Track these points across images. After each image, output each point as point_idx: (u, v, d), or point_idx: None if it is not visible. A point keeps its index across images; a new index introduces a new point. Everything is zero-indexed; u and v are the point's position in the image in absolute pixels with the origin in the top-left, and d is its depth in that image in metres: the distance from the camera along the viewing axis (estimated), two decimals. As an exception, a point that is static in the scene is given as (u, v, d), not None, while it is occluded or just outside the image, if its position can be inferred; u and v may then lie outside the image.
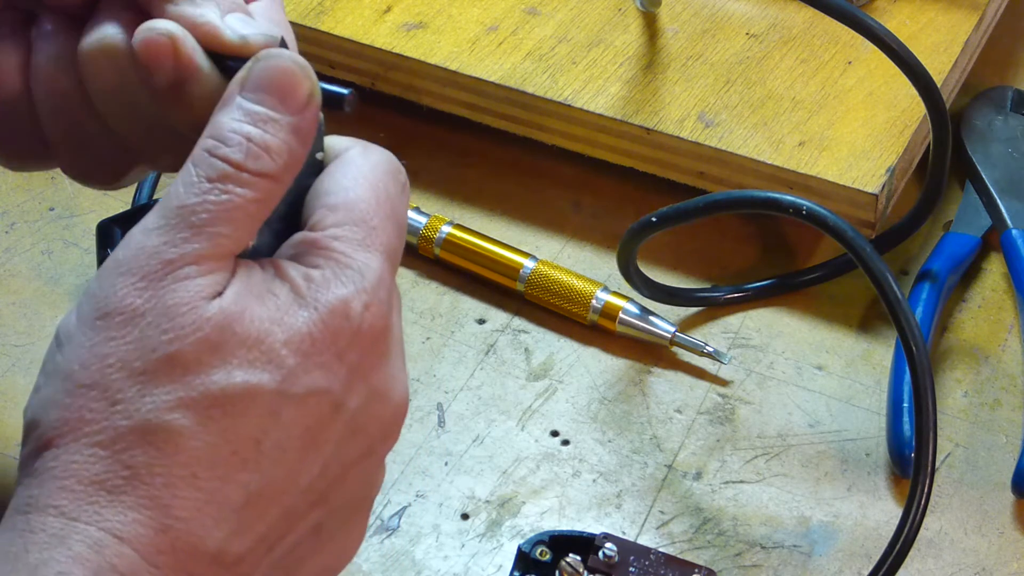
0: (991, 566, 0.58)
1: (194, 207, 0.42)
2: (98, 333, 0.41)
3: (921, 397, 0.56)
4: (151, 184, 0.71)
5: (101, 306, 0.41)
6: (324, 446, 0.43)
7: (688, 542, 0.59)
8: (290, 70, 0.43)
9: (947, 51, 0.73)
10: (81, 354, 0.41)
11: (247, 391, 0.41)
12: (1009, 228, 0.70)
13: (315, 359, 0.42)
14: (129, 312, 0.41)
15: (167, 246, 0.41)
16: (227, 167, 0.42)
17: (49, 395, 0.41)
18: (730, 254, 0.72)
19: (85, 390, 0.41)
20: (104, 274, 0.42)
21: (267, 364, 0.41)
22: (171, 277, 0.41)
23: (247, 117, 0.43)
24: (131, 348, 0.41)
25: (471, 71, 0.73)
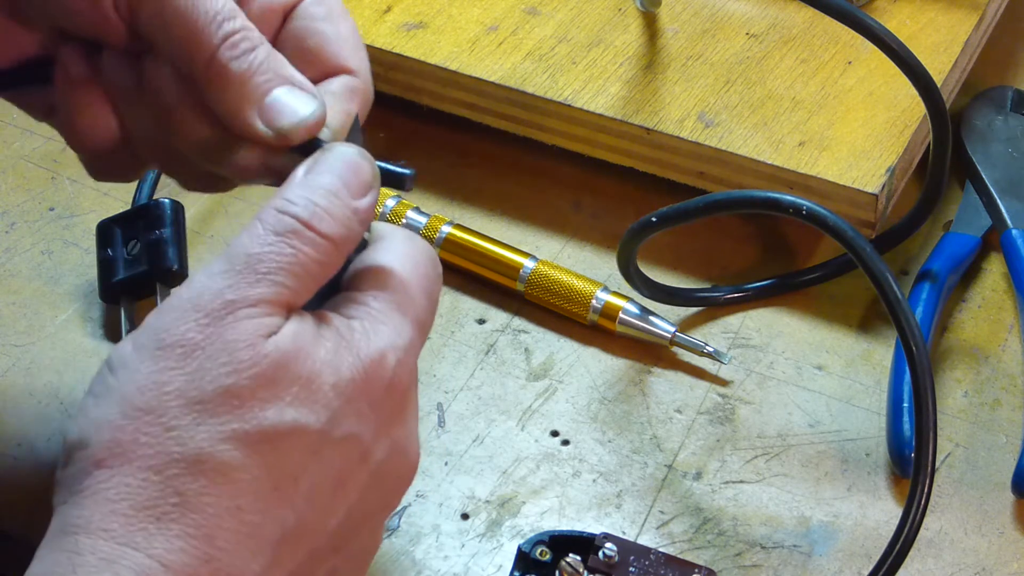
0: (991, 566, 0.58)
1: (260, 256, 0.44)
2: (157, 362, 0.42)
3: (921, 397, 0.56)
4: (151, 184, 0.71)
5: (162, 337, 0.43)
6: (351, 492, 0.45)
7: (688, 542, 0.59)
8: (355, 160, 0.47)
9: (947, 51, 0.73)
10: (138, 379, 0.42)
11: (295, 429, 0.43)
12: (1009, 228, 0.70)
13: (354, 405, 0.44)
14: (189, 345, 0.42)
15: (231, 289, 0.43)
16: (295, 223, 0.44)
17: (102, 416, 0.42)
18: (730, 254, 0.72)
19: (141, 414, 0.42)
20: (166, 309, 0.43)
21: (315, 404, 0.43)
22: (232, 316, 0.43)
23: (315, 190, 0.45)
24: (189, 378, 0.42)
25: (471, 71, 0.73)
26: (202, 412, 0.42)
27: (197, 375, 0.42)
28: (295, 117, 0.48)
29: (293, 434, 0.43)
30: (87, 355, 0.66)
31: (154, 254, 0.66)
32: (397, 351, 0.45)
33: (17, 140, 0.77)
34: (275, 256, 0.44)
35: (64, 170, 0.75)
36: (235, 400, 0.42)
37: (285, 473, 0.43)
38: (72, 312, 0.68)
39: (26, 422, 0.63)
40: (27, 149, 0.77)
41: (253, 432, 0.42)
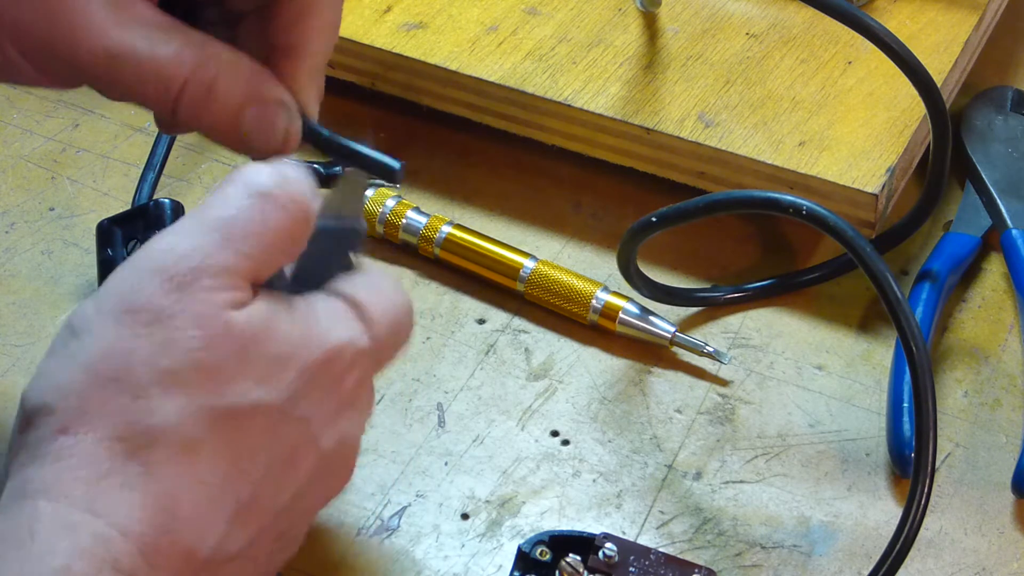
0: (991, 566, 0.58)
1: (230, 219, 0.44)
2: (122, 327, 0.42)
3: (921, 397, 0.56)
4: (151, 184, 0.71)
5: (128, 300, 0.42)
6: (300, 473, 0.45)
7: (688, 542, 0.59)
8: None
9: (947, 51, 0.73)
10: (103, 345, 0.42)
11: (258, 406, 0.43)
12: (1009, 228, 0.70)
13: (312, 389, 0.45)
14: (156, 311, 0.42)
15: (197, 252, 0.43)
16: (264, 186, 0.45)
17: (66, 381, 0.42)
18: (730, 254, 0.72)
19: (108, 382, 0.42)
20: (129, 270, 0.43)
21: (279, 384, 0.43)
22: (198, 284, 0.42)
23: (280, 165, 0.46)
24: (158, 347, 0.42)
25: (471, 71, 0.73)
26: (171, 384, 0.42)
27: (166, 345, 0.42)
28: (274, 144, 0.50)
29: (256, 411, 0.43)
30: (87, 355, 0.66)
31: (154, 254, 0.66)
32: (355, 346, 0.46)
33: (17, 140, 0.77)
34: (245, 220, 0.44)
35: (64, 170, 0.75)
36: (203, 374, 0.42)
37: (246, 448, 0.43)
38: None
39: (26, 422, 0.63)
40: (27, 149, 0.77)
41: (220, 408, 0.42)
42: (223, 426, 0.42)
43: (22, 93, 0.80)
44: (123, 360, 0.42)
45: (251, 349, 0.43)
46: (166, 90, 0.48)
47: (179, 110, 0.48)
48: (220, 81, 0.48)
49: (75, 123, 0.78)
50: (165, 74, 0.47)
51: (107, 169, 0.75)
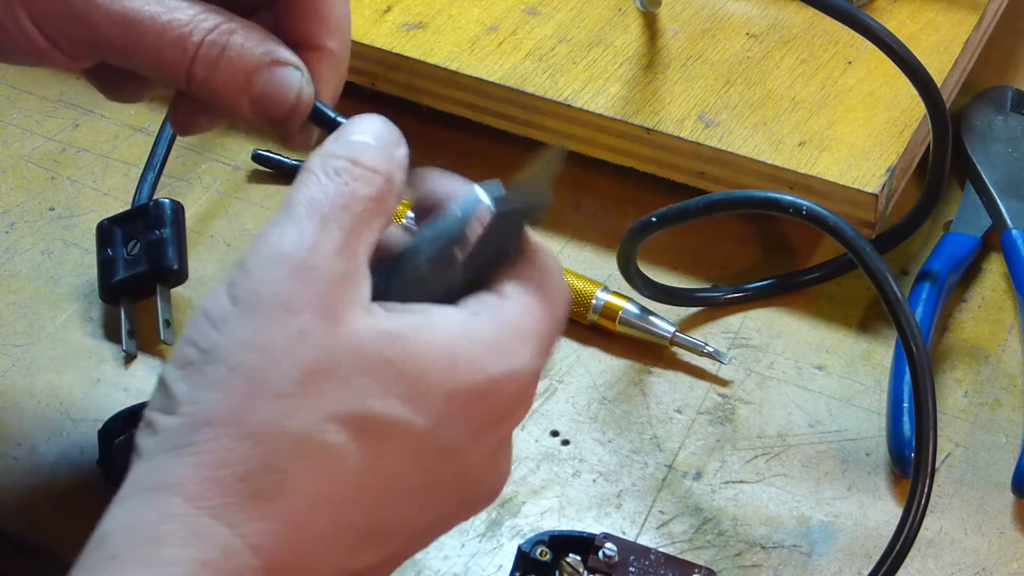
0: (991, 566, 0.58)
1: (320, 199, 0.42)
2: (258, 319, 0.40)
3: (921, 397, 0.56)
4: (151, 184, 0.72)
5: (259, 291, 0.41)
6: (441, 505, 0.43)
7: (688, 542, 0.59)
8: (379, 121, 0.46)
9: (947, 51, 0.73)
10: (243, 336, 0.40)
11: (401, 425, 0.41)
12: (1009, 228, 0.70)
13: (468, 419, 0.42)
14: (287, 301, 0.40)
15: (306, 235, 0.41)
16: (342, 162, 0.43)
17: (212, 374, 0.40)
18: (730, 254, 0.72)
19: (249, 379, 0.40)
20: (253, 259, 0.41)
21: (424, 406, 0.41)
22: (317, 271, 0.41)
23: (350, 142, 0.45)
24: (294, 342, 0.40)
25: (471, 71, 0.73)
26: (309, 383, 0.40)
27: (300, 340, 0.40)
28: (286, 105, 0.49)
29: (399, 430, 0.40)
30: (87, 355, 0.66)
31: (154, 254, 0.66)
32: (526, 377, 0.43)
33: (17, 140, 0.77)
34: (332, 196, 0.42)
35: (64, 170, 0.75)
36: (339, 378, 0.40)
37: (387, 470, 0.41)
38: (72, 312, 0.68)
39: (26, 422, 0.63)
40: (27, 149, 0.77)
41: (360, 416, 0.40)
42: (364, 439, 0.40)
43: (22, 93, 0.80)
44: (263, 355, 0.40)
45: (396, 363, 0.41)
46: (183, 52, 0.47)
47: (193, 72, 0.48)
48: (234, 41, 0.48)
49: (75, 123, 0.78)
50: (182, 35, 0.47)
51: (107, 169, 0.75)
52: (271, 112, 0.49)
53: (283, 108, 0.49)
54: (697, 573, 0.56)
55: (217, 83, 0.49)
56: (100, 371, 0.65)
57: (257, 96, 0.49)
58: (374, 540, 0.41)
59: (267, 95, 0.49)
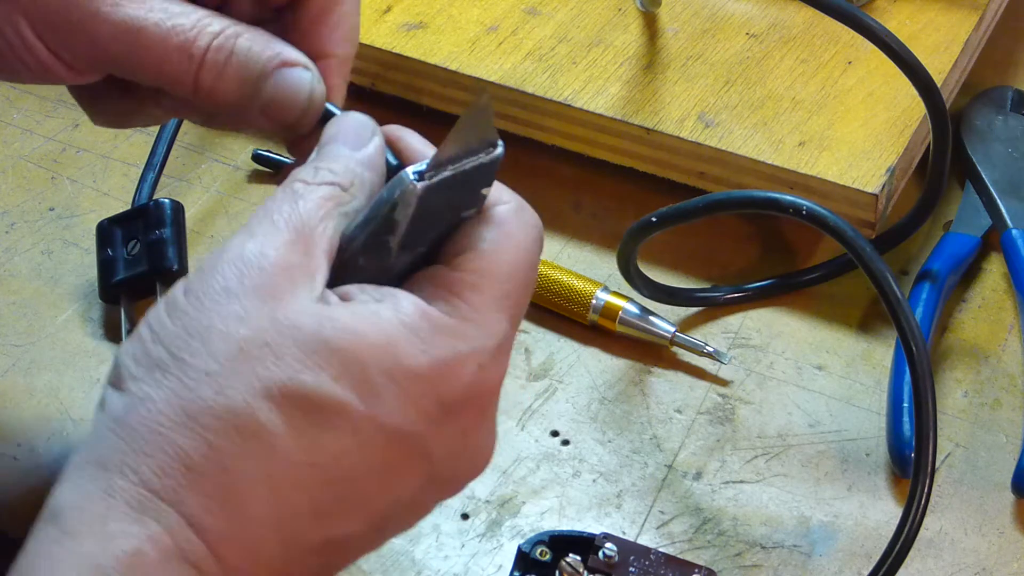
0: (991, 566, 0.58)
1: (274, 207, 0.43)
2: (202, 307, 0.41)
3: (921, 397, 0.56)
4: (151, 184, 0.71)
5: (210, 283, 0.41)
6: (401, 488, 0.43)
7: (688, 542, 0.59)
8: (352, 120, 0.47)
9: (947, 51, 0.73)
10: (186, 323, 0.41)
11: (336, 404, 0.41)
12: (1009, 228, 0.70)
13: (415, 401, 0.42)
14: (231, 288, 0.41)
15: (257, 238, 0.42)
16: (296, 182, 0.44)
17: (152, 353, 0.41)
18: (730, 254, 0.72)
19: (189, 356, 0.40)
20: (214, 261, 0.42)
21: (362, 388, 0.41)
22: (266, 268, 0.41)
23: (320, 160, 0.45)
24: (233, 323, 0.40)
25: (471, 71, 0.73)
26: (241, 359, 0.40)
27: (236, 320, 0.40)
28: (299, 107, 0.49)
29: (333, 409, 0.40)
30: (87, 355, 0.66)
31: (154, 254, 0.66)
32: (483, 355, 0.43)
33: (17, 140, 0.77)
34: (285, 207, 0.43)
35: (64, 170, 0.75)
36: (274, 356, 0.40)
37: (325, 450, 0.41)
38: (72, 312, 0.68)
39: (26, 422, 0.63)
40: (27, 149, 0.77)
41: (293, 393, 0.40)
42: (297, 417, 0.40)
43: (22, 93, 0.80)
44: (200, 338, 0.40)
45: (332, 344, 0.41)
46: (189, 58, 0.47)
47: (201, 79, 0.48)
48: (241, 45, 0.48)
49: (75, 123, 0.78)
50: (187, 41, 0.47)
51: (107, 169, 0.75)
52: (283, 115, 0.49)
53: (295, 111, 0.49)
54: (697, 573, 0.56)
55: (226, 90, 0.48)
56: (100, 371, 0.65)
57: (268, 100, 0.49)
58: (325, 520, 0.41)
59: (278, 98, 0.49)
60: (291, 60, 0.49)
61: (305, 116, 0.49)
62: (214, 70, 0.48)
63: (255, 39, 0.48)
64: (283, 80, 0.49)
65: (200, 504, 0.39)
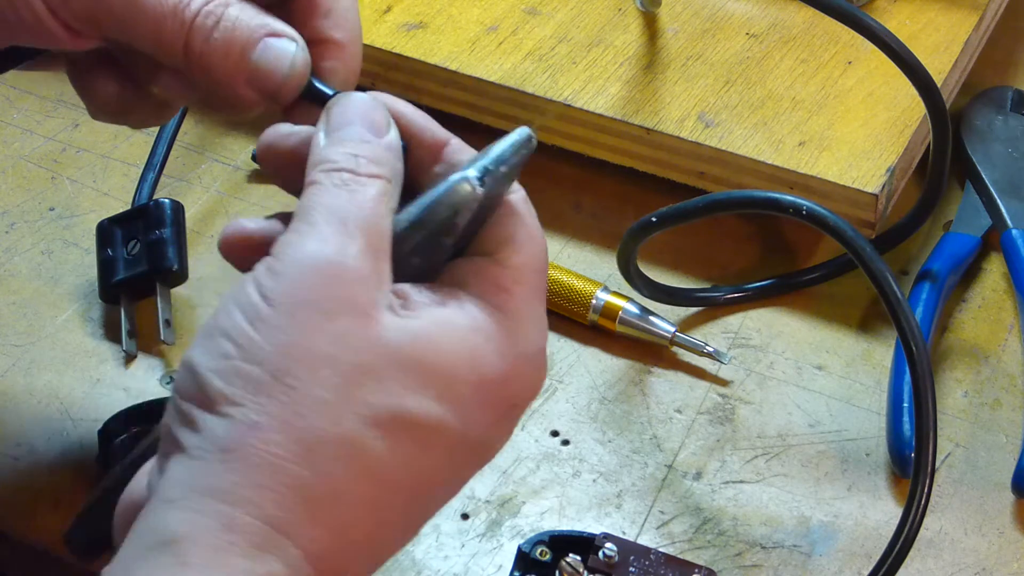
0: (991, 566, 0.58)
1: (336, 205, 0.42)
2: (295, 319, 0.40)
3: (921, 397, 0.56)
4: (151, 184, 0.71)
5: (293, 292, 0.40)
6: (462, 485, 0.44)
7: (688, 542, 0.59)
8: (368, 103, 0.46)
9: (947, 51, 0.73)
10: (281, 338, 0.40)
11: (436, 424, 0.41)
12: (1009, 228, 0.70)
13: (494, 408, 0.43)
14: (321, 304, 0.40)
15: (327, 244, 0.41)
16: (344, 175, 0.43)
17: (251, 374, 0.40)
18: (730, 254, 0.72)
19: (297, 383, 0.39)
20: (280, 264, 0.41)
21: (456, 404, 0.41)
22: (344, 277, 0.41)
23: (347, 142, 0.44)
24: (334, 344, 0.40)
25: (471, 71, 0.73)
26: (350, 387, 0.40)
27: (339, 344, 0.40)
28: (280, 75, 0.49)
29: (433, 429, 0.41)
30: (87, 355, 0.66)
31: (154, 254, 0.66)
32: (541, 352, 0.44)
33: (17, 140, 0.77)
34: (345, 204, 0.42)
35: (64, 170, 0.75)
36: (377, 380, 0.40)
37: (423, 470, 0.41)
38: (72, 312, 0.68)
39: (26, 422, 0.63)
40: (27, 149, 0.77)
41: (397, 417, 0.40)
42: (400, 441, 0.40)
43: (22, 93, 0.80)
44: (306, 362, 0.40)
45: (425, 362, 0.41)
46: (180, 23, 0.48)
47: (191, 43, 0.48)
48: (230, 13, 0.48)
49: (75, 123, 0.78)
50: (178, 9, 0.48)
51: (107, 169, 0.75)
52: (266, 84, 0.49)
53: (277, 79, 0.49)
54: (697, 573, 0.56)
55: (213, 57, 0.49)
56: (100, 371, 0.65)
57: (252, 69, 0.49)
58: (406, 533, 0.42)
59: (262, 67, 0.49)
60: (277, 31, 0.49)
61: (286, 84, 0.49)
62: (202, 33, 0.48)
63: (244, 9, 0.49)
64: (268, 48, 0.49)
65: (316, 537, 0.39)
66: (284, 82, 0.49)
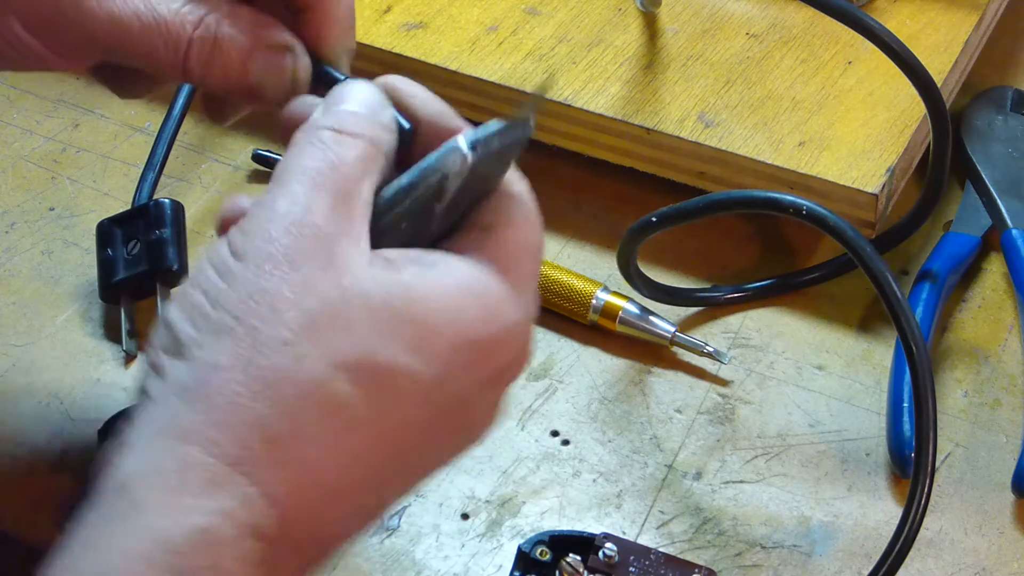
0: (991, 566, 0.58)
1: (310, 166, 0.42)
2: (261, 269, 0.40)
3: (921, 397, 0.56)
4: (151, 184, 0.71)
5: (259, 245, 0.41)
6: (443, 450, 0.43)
7: (688, 542, 0.59)
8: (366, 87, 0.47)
9: (947, 51, 0.73)
10: (248, 287, 0.40)
11: (407, 375, 0.40)
12: (1009, 228, 0.70)
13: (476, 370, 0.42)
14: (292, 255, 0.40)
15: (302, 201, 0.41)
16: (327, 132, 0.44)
17: (217, 319, 0.40)
18: (730, 254, 0.72)
19: (260, 324, 0.39)
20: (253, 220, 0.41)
21: (431, 357, 0.41)
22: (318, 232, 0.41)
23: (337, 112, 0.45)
24: (299, 291, 0.40)
25: (471, 71, 0.73)
26: (315, 330, 0.39)
27: (305, 289, 0.40)
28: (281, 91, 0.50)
29: (406, 380, 0.40)
30: (87, 355, 0.66)
31: (154, 254, 0.66)
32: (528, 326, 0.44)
33: (17, 140, 0.77)
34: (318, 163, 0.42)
35: (64, 170, 0.75)
36: (346, 326, 0.40)
37: (394, 420, 0.40)
38: (72, 312, 0.68)
39: (26, 422, 0.63)
40: (27, 149, 0.77)
41: (366, 364, 0.40)
42: (372, 390, 0.40)
43: (22, 93, 0.80)
44: (269, 303, 0.40)
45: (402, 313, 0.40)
46: (175, 50, 0.48)
47: (190, 68, 0.49)
48: (223, 33, 0.49)
49: (75, 123, 0.78)
50: (171, 33, 0.48)
51: (107, 169, 0.75)
52: (268, 97, 0.50)
53: (282, 88, 0.50)
54: (697, 573, 0.56)
55: (214, 78, 0.49)
56: (100, 371, 0.65)
57: (253, 85, 0.50)
58: (381, 488, 0.41)
59: (262, 83, 0.50)
60: (273, 44, 0.50)
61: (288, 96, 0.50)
62: (200, 61, 0.49)
63: (237, 22, 0.49)
64: (267, 65, 0.50)
65: (278, 477, 0.38)
66: (285, 95, 0.50)
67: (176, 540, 0.37)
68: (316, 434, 0.39)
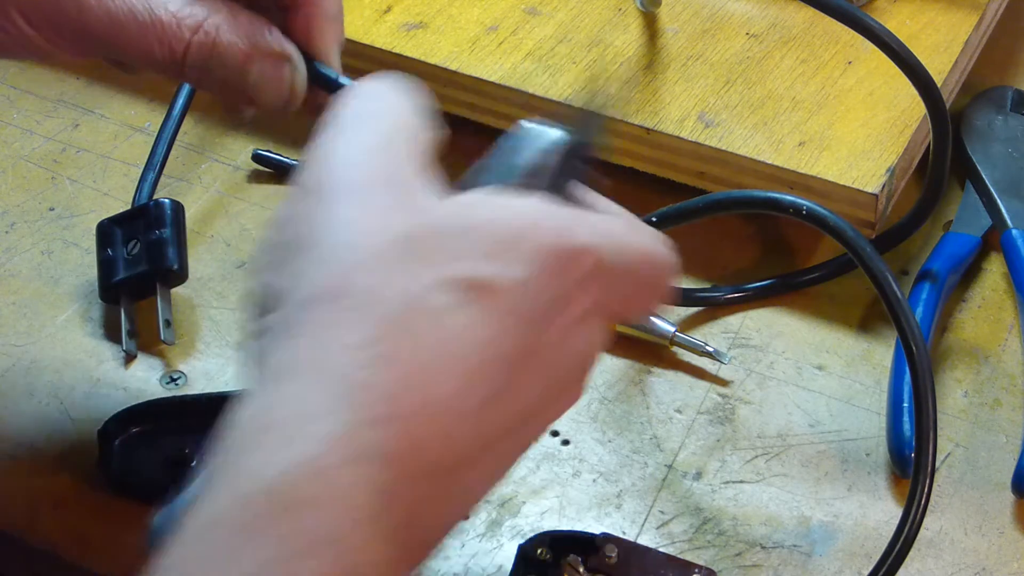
0: (991, 566, 0.58)
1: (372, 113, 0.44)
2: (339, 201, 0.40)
3: (921, 397, 0.56)
4: (151, 184, 0.71)
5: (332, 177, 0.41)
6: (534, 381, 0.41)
7: (688, 542, 0.59)
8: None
9: (947, 51, 0.73)
10: (327, 218, 0.40)
11: (495, 281, 0.40)
12: (1009, 228, 0.70)
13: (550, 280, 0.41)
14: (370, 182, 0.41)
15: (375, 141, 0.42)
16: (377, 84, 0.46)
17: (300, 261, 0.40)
18: (730, 254, 0.72)
19: (345, 252, 0.39)
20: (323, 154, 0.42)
21: (514, 259, 0.40)
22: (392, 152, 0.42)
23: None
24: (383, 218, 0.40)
25: (471, 71, 0.73)
26: (402, 252, 0.39)
27: (385, 214, 0.40)
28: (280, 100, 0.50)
29: (494, 287, 0.39)
30: (87, 355, 0.66)
31: (154, 254, 0.66)
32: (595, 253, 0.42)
33: (17, 140, 0.77)
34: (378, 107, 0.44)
35: (64, 170, 0.75)
36: (430, 246, 0.39)
37: (489, 328, 0.39)
38: (72, 312, 0.68)
39: (26, 422, 0.63)
40: (27, 149, 0.77)
41: (456, 277, 0.39)
42: (466, 299, 0.39)
43: (22, 93, 0.80)
44: (353, 232, 0.39)
45: (482, 225, 0.40)
46: (172, 52, 0.49)
47: (187, 71, 0.49)
48: (222, 39, 0.49)
49: (75, 123, 0.78)
50: (168, 35, 0.49)
51: (107, 169, 0.75)
52: (264, 104, 0.50)
53: (280, 97, 0.50)
54: (697, 573, 0.56)
55: (210, 82, 0.50)
56: (100, 371, 0.65)
57: (250, 91, 0.50)
58: (495, 406, 0.40)
59: (259, 90, 0.50)
60: (271, 53, 0.50)
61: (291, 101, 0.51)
62: (198, 63, 0.49)
63: (235, 28, 0.50)
64: (264, 73, 0.50)
65: (390, 393, 0.37)
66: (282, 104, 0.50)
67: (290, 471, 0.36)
68: (420, 346, 0.38)
